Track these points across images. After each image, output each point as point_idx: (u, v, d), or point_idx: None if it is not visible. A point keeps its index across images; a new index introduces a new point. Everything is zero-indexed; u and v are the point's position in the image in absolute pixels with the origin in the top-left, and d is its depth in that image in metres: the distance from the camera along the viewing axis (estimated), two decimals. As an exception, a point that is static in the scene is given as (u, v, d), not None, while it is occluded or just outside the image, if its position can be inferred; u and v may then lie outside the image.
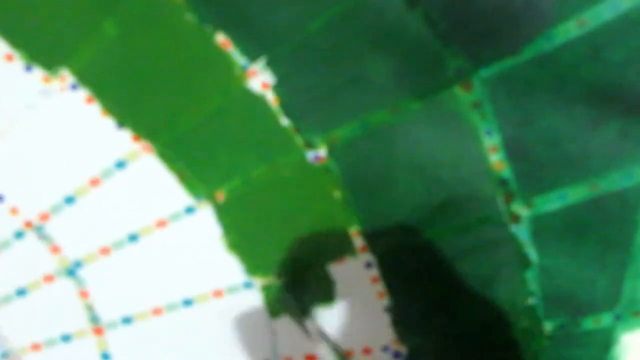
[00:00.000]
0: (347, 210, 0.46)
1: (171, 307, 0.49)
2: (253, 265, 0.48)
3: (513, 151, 0.45)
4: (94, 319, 0.49)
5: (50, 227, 0.47)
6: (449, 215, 0.46)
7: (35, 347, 0.50)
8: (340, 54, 0.43)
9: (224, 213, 0.46)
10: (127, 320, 0.49)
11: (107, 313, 0.49)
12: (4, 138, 0.44)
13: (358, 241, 0.47)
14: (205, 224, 0.47)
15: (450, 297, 0.48)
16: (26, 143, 0.45)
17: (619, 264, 0.47)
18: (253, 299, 0.49)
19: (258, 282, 0.48)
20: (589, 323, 0.46)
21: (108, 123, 0.45)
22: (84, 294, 0.49)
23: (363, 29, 0.41)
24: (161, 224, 0.47)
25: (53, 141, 0.45)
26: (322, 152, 0.45)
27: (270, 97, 0.44)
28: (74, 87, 0.43)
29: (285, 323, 0.49)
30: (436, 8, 0.41)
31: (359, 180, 0.46)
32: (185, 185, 0.46)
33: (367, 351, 0.48)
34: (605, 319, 0.48)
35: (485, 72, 0.43)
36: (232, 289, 0.48)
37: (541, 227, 0.46)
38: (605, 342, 0.48)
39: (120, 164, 0.45)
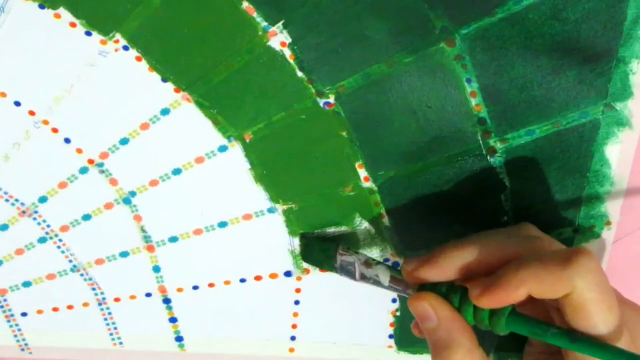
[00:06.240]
0: (353, 147, 0.53)
1: (209, 229, 0.57)
2: (276, 194, 0.56)
3: (489, 96, 0.51)
4: (147, 239, 0.58)
5: (109, 164, 0.55)
6: (437, 149, 0.53)
7: (99, 262, 0.59)
8: (345, 17, 0.48)
9: (251, 151, 0.54)
10: (173, 239, 0.58)
11: (157, 234, 0.58)
12: (71, 91, 0.52)
13: (362, 173, 0.54)
14: (236, 161, 0.54)
15: (439, 215, 0.56)
16: (88, 94, 0.52)
17: (577, 187, 0.54)
18: (276, 221, 0.57)
19: (280, 207, 0.56)
20: (553, 236, 0.52)
21: (154, 77, 0.51)
22: (137, 218, 0.57)
23: (363, -4, 0.48)
24: (199, 160, 0.54)
25: (109, 92, 0.52)
26: (331, 99, 0.52)
27: (288, 53, 0.50)
28: (125, 48, 0.50)
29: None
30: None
31: (362, 122, 0.52)
32: (218, 128, 0.53)
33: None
34: (566, 233, 0.56)
35: (465, 31, 0.49)
36: (258, 214, 0.56)
37: (513, 158, 0.53)
38: (565, 252, 0.55)
39: (165, 112, 0.53)
